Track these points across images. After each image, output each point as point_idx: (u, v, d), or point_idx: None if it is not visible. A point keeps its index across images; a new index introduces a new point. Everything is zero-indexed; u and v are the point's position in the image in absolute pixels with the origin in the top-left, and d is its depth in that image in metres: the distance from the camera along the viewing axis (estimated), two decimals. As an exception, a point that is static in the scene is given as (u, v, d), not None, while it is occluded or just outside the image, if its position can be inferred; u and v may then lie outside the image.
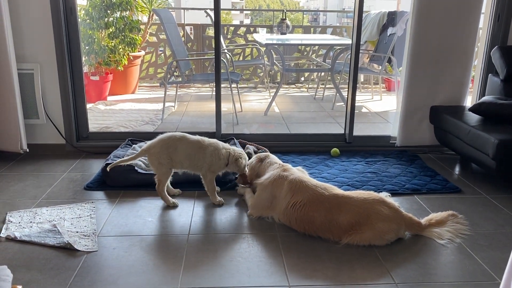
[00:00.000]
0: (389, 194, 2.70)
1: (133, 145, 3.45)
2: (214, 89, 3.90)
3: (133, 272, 2.05)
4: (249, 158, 3.45)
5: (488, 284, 1.99)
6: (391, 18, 5.63)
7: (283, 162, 3.51)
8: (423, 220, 2.43)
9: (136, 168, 3.01)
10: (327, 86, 6.31)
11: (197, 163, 2.70)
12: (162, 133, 2.78)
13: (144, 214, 2.64)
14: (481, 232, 2.46)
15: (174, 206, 2.73)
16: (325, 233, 2.32)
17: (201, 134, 3.76)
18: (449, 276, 2.07)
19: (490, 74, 3.67)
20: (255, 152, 3.61)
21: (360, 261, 2.16)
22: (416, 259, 2.18)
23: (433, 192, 2.99)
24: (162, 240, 2.35)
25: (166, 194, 2.75)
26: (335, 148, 3.73)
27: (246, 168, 2.79)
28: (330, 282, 2.00)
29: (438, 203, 2.77)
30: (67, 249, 2.23)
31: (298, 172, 2.64)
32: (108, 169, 2.80)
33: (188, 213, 2.65)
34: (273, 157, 2.81)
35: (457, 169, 3.48)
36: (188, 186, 3.00)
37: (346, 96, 3.98)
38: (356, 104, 3.85)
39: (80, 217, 2.56)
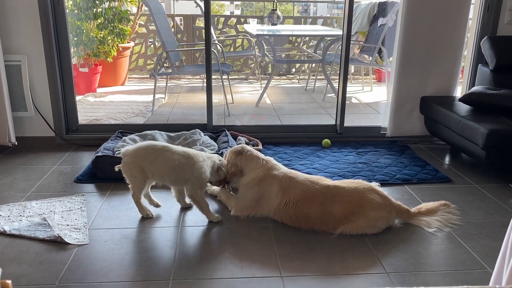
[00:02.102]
0: (379, 184, 2.71)
1: (123, 137, 3.42)
2: (205, 80, 3.87)
3: (125, 265, 2.04)
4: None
5: (478, 273, 2.01)
6: (382, 8, 5.62)
7: (275, 154, 3.53)
8: (413, 209, 2.45)
9: (126, 160, 2.97)
10: (318, 77, 6.30)
11: (184, 177, 2.37)
12: (153, 125, 2.75)
13: (135, 207, 2.59)
14: (471, 221, 2.48)
15: (148, 218, 2.46)
16: (320, 226, 2.32)
17: (192, 126, 3.77)
18: (440, 265, 2.08)
19: (480, 65, 3.69)
20: (247, 144, 3.60)
21: (352, 251, 2.17)
22: (407, 249, 2.19)
23: (423, 182, 3.00)
24: (154, 233, 2.33)
25: (141, 203, 2.47)
26: (326, 139, 3.73)
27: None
28: (322, 272, 2.01)
29: (429, 193, 2.78)
30: (58, 243, 2.20)
31: (284, 167, 2.52)
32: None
33: (179, 205, 2.63)
34: (250, 149, 2.58)
35: (447, 159, 3.50)
36: (180, 178, 2.98)
37: (337, 87, 3.97)
38: (347, 95, 3.84)
39: (70, 210, 2.54)
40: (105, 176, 2.97)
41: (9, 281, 1.36)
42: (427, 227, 2.38)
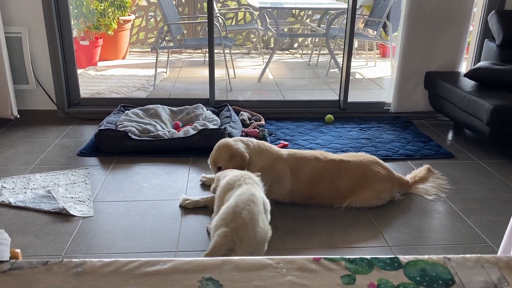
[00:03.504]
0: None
1: (126, 111, 3.42)
2: (207, 54, 3.83)
3: (129, 237, 2.07)
4: (243, 125, 3.46)
5: (480, 246, 2.04)
6: (388, -19, 5.51)
7: (278, 129, 3.53)
8: (409, 178, 2.54)
9: (129, 134, 2.98)
10: (321, 52, 6.23)
11: None
12: (155, 100, 2.74)
13: (139, 180, 2.64)
14: (473, 196, 2.50)
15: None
16: (328, 201, 2.35)
17: (194, 100, 3.76)
18: (442, 239, 2.12)
19: (486, 40, 3.64)
20: (249, 119, 3.61)
21: (354, 225, 2.20)
22: (409, 223, 2.22)
23: (426, 157, 3.02)
24: (158, 205, 2.36)
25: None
26: (329, 115, 3.72)
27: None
28: (324, 245, 2.04)
29: (437, 171, 2.79)
30: (63, 215, 2.23)
31: (282, 150, 2.42)
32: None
33: (183, 179, 2.66)
34: (245, 139, 2.37)
35: (450, 135, 3.50)
36: (182, 153, 3.00)
37: (341, 62, 3.94)
38: (350, 71, 3.81)
39: (74, 183, 2.56)
40: (108, 150, 2.98)
41: (18, 250, 1.39)
42: (427, 195, 2.49)
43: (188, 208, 2.30)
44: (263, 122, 3.58)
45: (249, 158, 2.26)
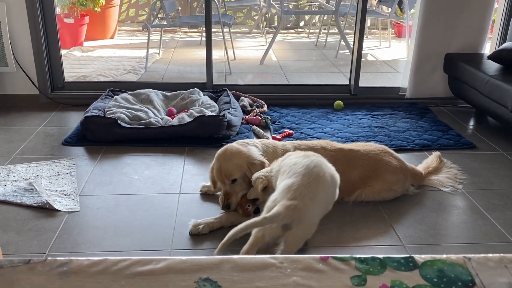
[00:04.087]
0: None
1: (115, 96, 3.41)
2: (204, 34, 3.82)
3: (119, 234, 2.08)
4: (244, 112, 3.45)
5: (502, 246, 2.04)
6: (404, -47, 5.46)
7: (282, 116, 3.52)
8: (422, 169, 2.55)
9: (119, 121, 2.98)
10: (330, 31, 6.20)
11: None
12: (146, 84, 2.73)
13: (129, 171, 2.64)
14: (496, 191, 2.50)
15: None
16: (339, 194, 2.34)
17: (190, 85, 3.75)
18: (461, 237, 2.12)
19: (512, 18, 3.62)
20: (251, 106, 3.60)
21: (365, 220, 2.20)
22: (425, 219, 2.22)
23: (445, 148, 3.01)
24: (151, 200, 2.36)
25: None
26: (338, 101, 3.71)
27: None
28: (332, 243, 2.05)
29: (451, 160, 2.79)
30: (46, 209, 2.24)
31: (286, 144, 2.40)
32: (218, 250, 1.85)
33: (178, 171, 2.66)
34: (243, 143, 2.30)
35: (471, 123, 3.49)
36: (177, 142, 3.00)
37: (352, 43, 3.92)
38: (362, 52, 3.79)
39: (59, 175, 2.56)
40: (95, 138, 2.98)
41: (-3, 248, 1.40)
42: (442, 187, 2.50)
43: (204, 234, 2.08)
44: (265, 108, 3.58)
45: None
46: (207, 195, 2.41)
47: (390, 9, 5.43)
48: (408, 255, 1.15)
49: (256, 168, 2.13)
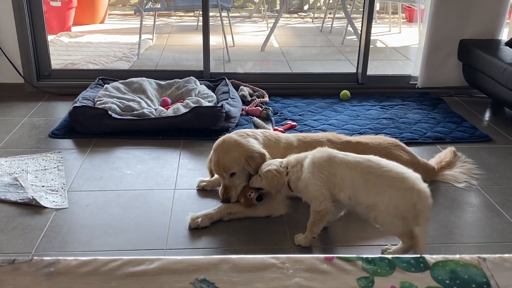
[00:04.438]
0: None
1: (105, 85, 3.40)
2: (201, 18, 3.80)
3: (110, 232, 2.08)
4: (243, 102, 3.45)
5: (519, 245, 2.05)
6: None
7: (284, 107, 3.51)
8: (434, 164, 2.54)
9: (109, 112, 2.98)
10: (336, 15, 6.18)
11: None
12: (139, 72, 2.72)
13: (121, 165, 2.64)
14: (513, 187, 2.50)
15: None
16: None
17: (186, 73, 3.74)
18: (475, 236, 2.12)
19: (532, 1, 3.61)
20: (251, 96, 3.59)
21: (373, 219, 2.20)
22: (437, 217, 2.22)
23: (459, 141, 3.01)
24: (144, 196, 2.37)
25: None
26: (345, 90, 3.70)
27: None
28: (338, 242, 2.05)
29: (465, 154, 2.79)
30: (32, 206, 2.24)
31: (288, 135, 2.41)
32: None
33: (173, 165, 2.66)
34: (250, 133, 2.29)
35: (487, 115, 3.49)
36: (172, 134, 2.99)
37: (360, 28, 3.90)
38: (371, 38, 3.78)
39: (45, 169, 2.57)
40: (84, 131, 2.98)
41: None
42: (456, 182, 2.49)
43: (203, 227, 2.10)
44: (267, 99, 3.57)
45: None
46: (204, 191, 2.42)
47: (400, -8, 5.40)
48: (419, 255, 1.15)
49: (256, 161, 2.13)
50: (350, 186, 1.87)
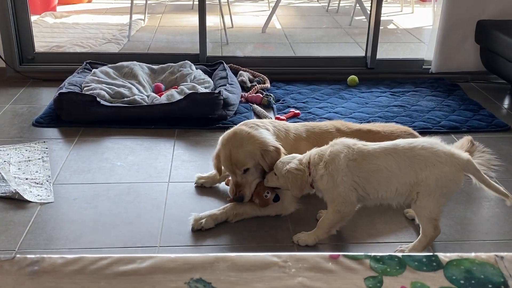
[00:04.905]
0: None
1: (93, 70, 3.40)
2: (197, -4, 3.79)
3: (99, 228, 2.09)
4: (243, 88, 3.44)
5: (539, 243, 2.05)
6: None
7: (287, 94, 3.51)
8: None
9: (98, 99, 2.98)
10: (343, -6, 6.16)
11: None
12: (130, 55, 2.71)
13: (111, 157, 2.65)
14: (533, 180, 2.50)
15: None
16: None
17: (181, 57, 3.73)
18: (492, 233, 2.13)
19: (557, -21, 3.58)
20: (251, 81, 3.58)
21: (382, 215, 2.20)
22: (451, 212, 2.23)
23: (475, 130, 3.01)
24: (135, 189, 2.37)
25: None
26: (352, 76, 3.70)
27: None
28: (344, 239, 2.06)
29: (483, 144, 2.78)
30: (15, 200, 2.25)
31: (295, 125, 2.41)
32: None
33: (167, 156, 2.67)
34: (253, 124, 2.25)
35: (506, 102, 3.48)
36: (165, 123, 2.99)
37: (369, 8, 3.88)
38: (381, 19, 3.76)
39: (29, 161, 2.57)
40: (71, 119, 2.98)
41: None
42: None
43: (207, 229, 2.09)
44: (268, 85, 3.56)
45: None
46: (203, 188, 2.41)
47: (413, -32, 5.38)
48: (431, 253, 1.15)
49: (271, 155, 2.09)
50: (397, 174, 1.86)
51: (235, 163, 2.11)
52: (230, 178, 2.24)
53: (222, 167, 2.22)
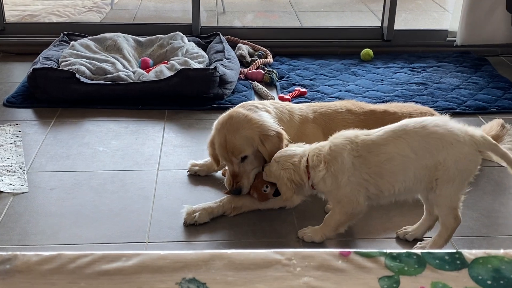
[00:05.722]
0: None
1: (72, 42, 3.38)
2: (190, -42, 3.77)
3: (80, 222, 2.09)
4: (242, 63, 3.42)
5: None
6: None
7: (292, 70, 3.50)
8: None
9: (78, 75, 2.97)
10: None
11: None
12: (113, 26, 2.69)
13: (92, 141, 2.64)
14: None
15: None
16: None
17: (171, 27, 3.71)
18: (523, 227, 2.13)
19: None
20: (251, 56, 3.57)
21: (399, 207, 2.19)
22: (477, 204, 2.23)
23: (506, 111, 3.01)
24: (121, 178, 2.37)
25: None
26: (367, 49, 3.68)
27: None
28: (356, 234, 2.06)
29: (513, 127, 2.79)
30: (-15, 190, 2.25)
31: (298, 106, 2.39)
32: None
33: (156, 141, 2.66)
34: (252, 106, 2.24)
35: (541, 79, 3.47)
36: (154, 103, 3.00)
37: (386, -29, 3.87)
38: (399, -17, 3.76)
39: (0, 146, 2.57)
40: (47, 98, 2.97)
41: None
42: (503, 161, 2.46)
43: (201, 224, 2.08)
44: (270, 59, 3.55)
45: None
46: (197, 177, 2.40)
47: None
48: (455, 250, 1.15)
49: (272, 141, 2.07)
50: (412, 158, 1.83)
51: (231, 151, 2.09)
52: (227, 168, 2.23)
53: (218, 157, 2.20)
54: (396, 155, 1.83)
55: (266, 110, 2.20)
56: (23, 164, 2.44)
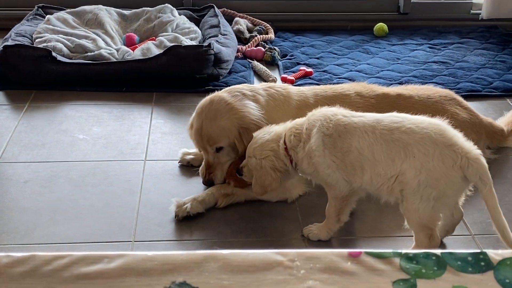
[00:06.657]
0: None
1: (47, 16, 3.37)
2: None
3: (58, 218, 2.09)
4: (239, 40, 3.42)
5: None
6: None
7: (296, 47, 3.49)
8: (504, 125, 2.52)
9: (54, 54, 2.96)
10: None
11: None
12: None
13: (71, 127, 2.64)
14: None
15: None
16: None
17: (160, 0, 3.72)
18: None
19: None
20: (250, 31, 3.56)
21: (417, 201, 2.21)
22: (504, 198, 2.23)
23: (537, 94, 3.01)
24: (103, 170, 2.37)
25: None
26: (381, 23, 3.68)
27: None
28: (368, 233, 2.07)
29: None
30: (-49, 183, 2.26)
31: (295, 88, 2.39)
32: None
33: (143, 128, 2.67)
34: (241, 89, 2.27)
35: None
36: (141, 85, 3.00)
37: None
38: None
39: (-33, 133, 2.57)
40: (20, 79, 2.97)
41: None
42: None
43: (193, 215, 2.09)
44: (272, 35, 3.54)
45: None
46: (189, 168, 2.41)
47: None
48: (479, 251, 1.15)
49: (252, 136, 2.06)
50: (370, 159, 1.82)
51: (207, 139, 2.13)
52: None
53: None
54: (354, 150, 1.84)
55: (254, 99, 2.21)
56: (-7, 153, 2.45)
